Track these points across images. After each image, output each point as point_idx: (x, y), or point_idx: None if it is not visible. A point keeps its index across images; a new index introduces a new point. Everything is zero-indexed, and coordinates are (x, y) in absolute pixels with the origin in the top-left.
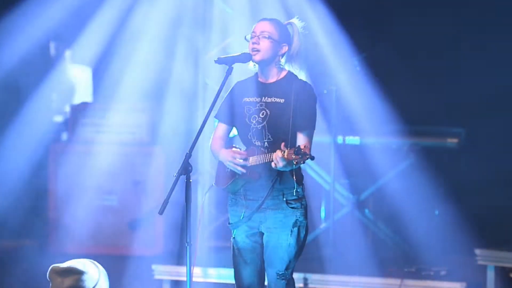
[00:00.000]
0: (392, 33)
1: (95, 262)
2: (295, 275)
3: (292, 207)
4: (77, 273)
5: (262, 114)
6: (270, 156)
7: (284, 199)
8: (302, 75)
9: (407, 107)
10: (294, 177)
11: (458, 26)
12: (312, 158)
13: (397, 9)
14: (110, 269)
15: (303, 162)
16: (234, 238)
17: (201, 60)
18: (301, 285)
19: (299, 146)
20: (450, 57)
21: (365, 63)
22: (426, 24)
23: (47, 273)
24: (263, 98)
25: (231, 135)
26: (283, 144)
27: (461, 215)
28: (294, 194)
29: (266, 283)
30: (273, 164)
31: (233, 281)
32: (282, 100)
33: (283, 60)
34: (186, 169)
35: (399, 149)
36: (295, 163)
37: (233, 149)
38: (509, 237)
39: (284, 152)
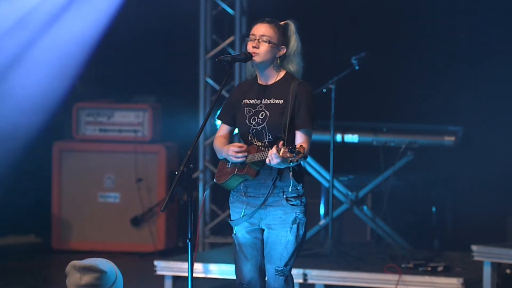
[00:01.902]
0: (389, 33)
1: (113, 264)
2: (295, 271)
3: (292, 204)
4: (97, 272)
5: (262, 115)
6: (266, 154)
7: (284, 196)
8: (298, 74)
9: (405, 106)
10: (294, 175)
11: (455, 24)
12: (305, 157)
13: (395, 8)
14: None
15: (297, 161)
16: (235, 234)
17: (202, 59)
18: (301, 280)
19: (294, 145)
20: (447, 56)
21: (364, 62)
22: (423, 22)
23: (67, 267)
24: (263, 100)
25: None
26: (281, 142)
27: (458, 212)
28: (294, 192)
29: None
30: (267, 160)
31: (234, 277)
32: (281, 101)
33: (279, 61)
34: (187, 167)
35: (397, 147)
36: (289, 161)
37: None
38: (505, 233)
39: (280, 150)
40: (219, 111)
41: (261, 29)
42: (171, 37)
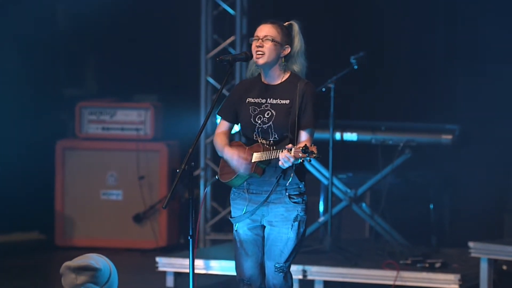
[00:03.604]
0: (387, 32)
1: (106, 258)
2: (294, 267)
3: (294, 202)
4: (91, 270)
5: (268, 115)
6: (275, 153)
7: (287, 193)
8: (302, 74)
9: (403, 104)
10: (297, 173)
11: (453, 23)
12: (320, 156)
13: (394, 7)
14: (115, 262)
15: (310, 161)
16: (236, 230)
17: (203, 59)
18: (300, 277)
19: (306, 145)
20: (445, 54)
21: (363, 61)
22: (421, 21)
23: (61, 268)
24: (268, 99)
25: (232, 131)
26: (290, 145)
27: (455, 209)
28: (297, 190)
29: None
30: (280, 163)
31: (235, 273)
32: (287, 102)
33: (284, 60)
34: (189, 165)
35: (395, 145)
36: (301, 161)
37: (238, 148)
38: (502, 230)
39: (291, 150)
40: (219, 107)
41: (265, 30)
42: (173, 37)
